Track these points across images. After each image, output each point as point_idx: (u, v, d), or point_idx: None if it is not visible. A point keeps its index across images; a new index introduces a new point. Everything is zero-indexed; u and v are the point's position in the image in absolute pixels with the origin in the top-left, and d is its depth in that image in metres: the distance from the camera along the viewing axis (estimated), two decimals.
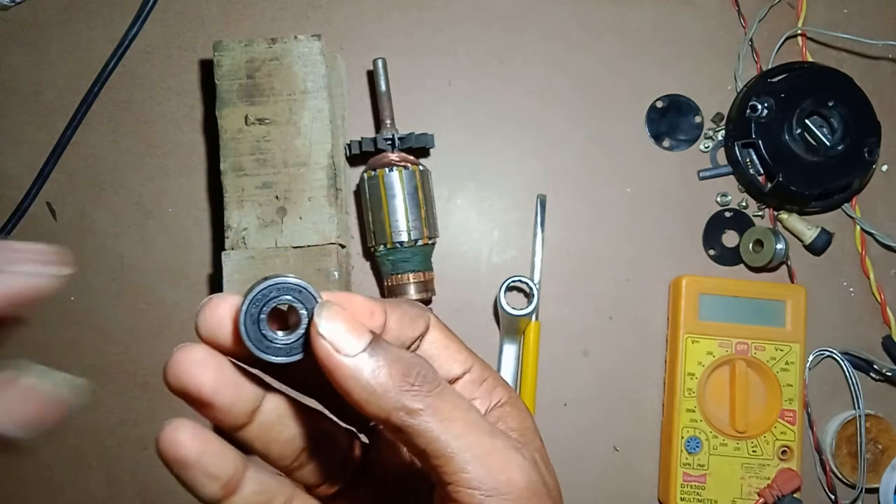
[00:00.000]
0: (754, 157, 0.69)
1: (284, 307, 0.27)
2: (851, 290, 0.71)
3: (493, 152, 0.72)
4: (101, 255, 0.70)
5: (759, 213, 0.71)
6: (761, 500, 0.66)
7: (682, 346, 0.67)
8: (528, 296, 0.67)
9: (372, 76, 0.68)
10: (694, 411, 0.67)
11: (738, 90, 0.71)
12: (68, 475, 0.70)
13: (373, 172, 0.65)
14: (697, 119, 0.72)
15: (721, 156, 0.72)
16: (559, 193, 0.71)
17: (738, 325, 0.67)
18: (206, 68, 0.71)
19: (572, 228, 0.71)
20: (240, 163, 0.61)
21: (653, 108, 0.72)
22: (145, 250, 0.71)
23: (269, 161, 0.61)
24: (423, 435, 0.26)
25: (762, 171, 0.69)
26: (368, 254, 0.69)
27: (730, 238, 0.71)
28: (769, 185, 0.68)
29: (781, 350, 0.67)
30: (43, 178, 0.70)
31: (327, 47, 0.63)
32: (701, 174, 0.71)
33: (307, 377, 0.30)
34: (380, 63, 0.66)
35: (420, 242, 0.64)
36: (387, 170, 0.64)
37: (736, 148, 0.70)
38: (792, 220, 0.70)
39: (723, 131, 0.72)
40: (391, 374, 0.25)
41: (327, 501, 0.33)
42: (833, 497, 0.69)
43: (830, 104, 0.67)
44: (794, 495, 0.66)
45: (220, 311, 0.27)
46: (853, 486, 0.68)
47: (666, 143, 0.72)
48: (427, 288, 0.66)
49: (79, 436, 0.70)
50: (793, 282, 0.70)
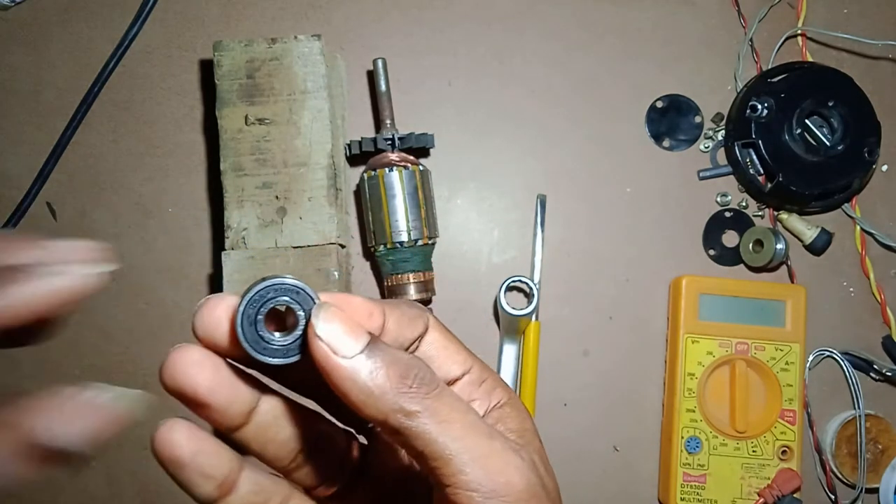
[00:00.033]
0: (754, 157, 0.69)
1: (282, 308, 0.27)
2: (851, 290, 0.71)
3: (493, 152, 0.72)
4: None
5: (759, 213, 0.71)
6: (761, 500, 0.66)
7: (682, 346, 0.67)
8: (528, 296, 0.67)
9: (372, 76, 0.68)
10: (694, 411, 0.67)
11: (738, 90, 0.71)
12: (68, 475, 0.70)
13: (373, 172, 0.65)
14: (697, 119, 0.72)
15: (721, 156, 0.72)
16: (559, 193, 0.71)
17: (738, 325, 0.67)
18: (206, 68, 0.71)
19: (572, 228, 0.71)
20: (240, 163, 0.61)
21: (653, 108, 0.72)
22: (145, 250, 0.71)
23: (269, 161, 0.61)
24: (421, 437, 0.26)
25: (762, 171, 0.69)
26: (368, 254, 0.69)
27: (730, 238, 0.71)
28: (769, 185, 0.68)
29: (781, 350, 0.67)
30: (43, 178, 0.70)
31: (327, 47, 0.63)
32: (701, 174, 0.71)
33: (305, 378, 0.30)
34: (380, 63, 0.66)
35: (420, 242, 0.64)
36: (387, 170, 0.64)
37: (736, 148, 0.70)
38: (792, 220, 0.70)
39: (723, 131, 0.72)
40: (389, 375, 0.25)
41: (325, 502, 0.33)
42: (833, 497, 0.69)
43: (830, 104, 0.67)
44: (794, 495, 0.65)
45: (218, 312, 0.27)
46: (853, 486, 0.68)
47: (666, 143, 0.72)
48: (427, 288, 0.66)
49: None
50: (793, 282, 0.70)
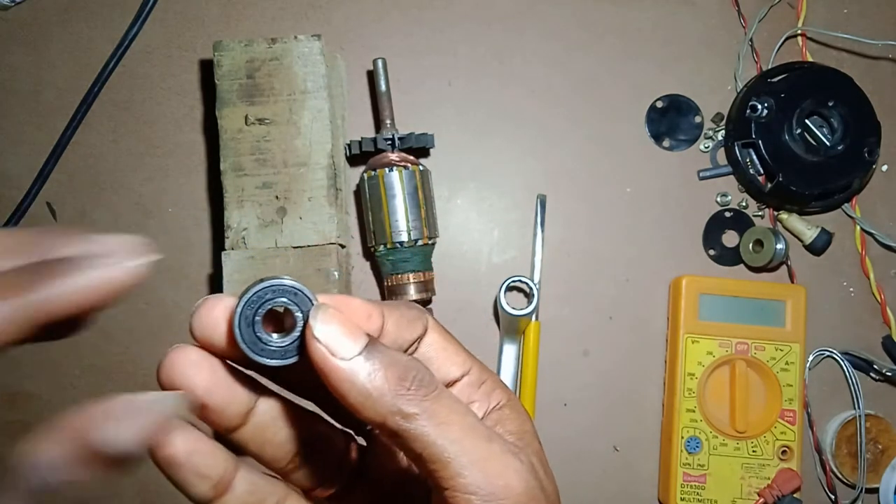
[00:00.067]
0: (754, 157, 0.69)
1: (280, 309, 0.27)
2: (851, 290, 0.71)
3: (493, 152, 0.72)
4: None
5: (759, 213, 0.71)
6: (761, 500, 0.66)
7: (682, 346, 0.67)
8: (528, 296, 0.67)
9: (372, 76, 0.68)
10: (694, 411, 0.67)
11: (738, 90, 0.71)
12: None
13: (373, 172, 0.65)
14: (697, 119, 0.72)
15: (721, 156, 0.72)
16: (559, 193, 0.71)
17: (738, 325, 0.67)
18: (206, 68, 0.71)
19: (572, 228, 0.71)
20: (240, 163, 0.61)
21: (653, 108, 0.72)
22: None
23: (269, 161, 0.61)
24: (420, 439, 0.26)
25: (762, 171, 0.69)
26: (368, 254, 0.69)
27: (730, 238, 0.71)
28: (769, 185, 0.68)
29: (781, 350, 0.67)
30: (43, 178, 0.70)
31: (327, 47, 0.63)
32: (701, 174, 0.71)
33: (303, 380, 0.30)
34: (380, 63, 0.66)
35: (420, 242, 0.64)
36: (387, 170, 0.64)
37: (736, 148, 0.70)
38: (792, 220, 0.70)
39: (723, 131, 0.72)
40: (387, 377, 0.25)
41: None
42: (833, 497, 0.69)
43: (830, 104, 0.67)
44: (794, 495, 0.65)
45: (215, 313, 0.27)
46: (853, 486, 0.68)
47: (666, 143, 0.72)
48: (427, 288, 0.66)
49: None
50: (793, 282, 0.70)
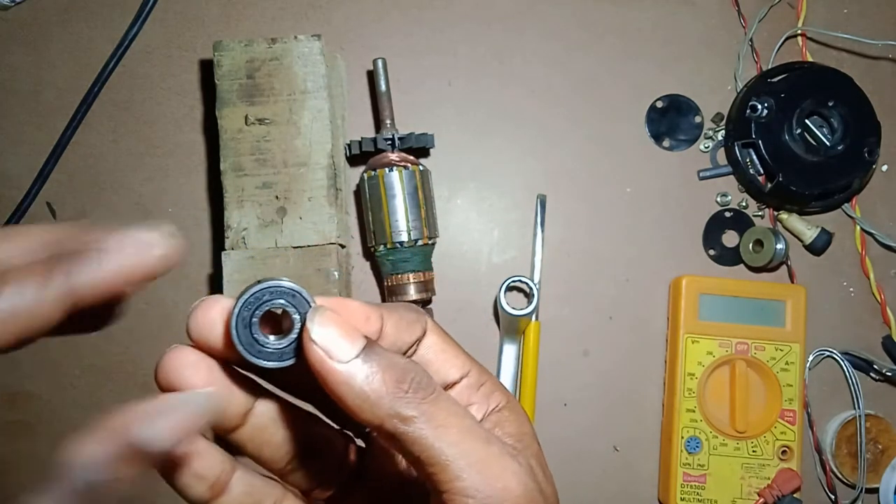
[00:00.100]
0: (754, 157, 0.69)
1: (278, 311, 0.27)
2: (851, 290, 0.71)
3: (493, 152, 0.72)
4: None
5: (759, 213, 0.71)
6: (761, 500, 0.66)
7: (682, 346, 0.67)
8: (528, 296, 0.67)
9: (372, 76, 0.68)
10: (694, 411, 0.67)
11: (738, 90, 0.71)
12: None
13: (373, 172, 0.65)
14: (697, 119, 0.72)
15: (721, 156, 0.72)
16: (559, 193, 0.71)
17: (738, 325, 0.67)
18: (206, 68, 0.71)
19: (572, 228, 0.71)
20: (240, 163, 0.61)
21: (653, 108, 0.72)
22: None
23: (269, 161, 0.61)
24: (418, 442, 0.26)
25: (762, 171, 0.69)
26: (368, 254, 0.69)
27: (730, 238, 0.71)
28: (769, 185, 0.68)
29: (781, 350, 0.67)
30: (43, 178, 0.70)
31: (327, 47, 0.63)
32: (701, 174, 0.71)
33: (301, 381, 0.30)
34: (380, 63, 0.66)
35: (420, 242, 0.64)
36: (387, 170, 0.64)
37: (736, 148, 0.70)
38: (792, 220, 0.70)
39: (723, 131, 0.71)
40: (385, 380, 0.25)
41: None
42: (833, 497, 0.69)
43: (830, 104, 0.67)
44: (794, 495, 0.65)
45: (212, 314, 0.27)
46: (853, 486, 0.68)
47: (666, 143, 0.71)
48: (427, 288, 0.66)
49: None
50: (793, 282, 0.70)
